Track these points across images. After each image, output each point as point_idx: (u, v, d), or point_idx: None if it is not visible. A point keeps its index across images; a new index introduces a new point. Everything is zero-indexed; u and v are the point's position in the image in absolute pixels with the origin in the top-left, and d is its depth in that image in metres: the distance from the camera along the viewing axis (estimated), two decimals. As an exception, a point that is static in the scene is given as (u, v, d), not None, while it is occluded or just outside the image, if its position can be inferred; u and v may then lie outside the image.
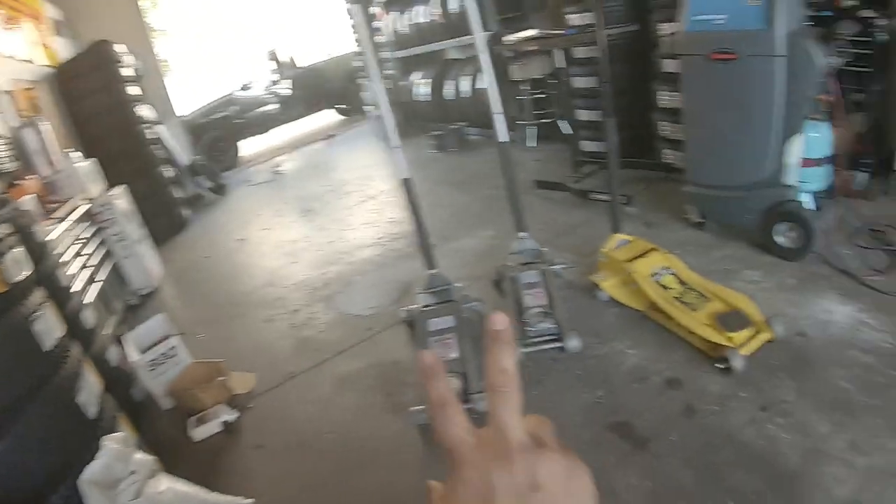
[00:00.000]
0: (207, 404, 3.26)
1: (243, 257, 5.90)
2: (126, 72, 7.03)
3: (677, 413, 2.49)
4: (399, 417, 2.88)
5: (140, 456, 2.27)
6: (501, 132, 3.51)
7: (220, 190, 8.81)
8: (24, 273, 2.61)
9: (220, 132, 10.97)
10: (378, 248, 5.15)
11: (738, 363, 2.57)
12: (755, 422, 2.33)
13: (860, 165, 3.82)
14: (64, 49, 7.15)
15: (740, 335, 2.69)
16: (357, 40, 10.04)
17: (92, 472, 2.14)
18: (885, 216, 3.50)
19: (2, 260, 2.49)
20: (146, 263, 5.34)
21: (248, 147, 12.20)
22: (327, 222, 6.21)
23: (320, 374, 3.46)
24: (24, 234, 2.92)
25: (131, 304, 5.06)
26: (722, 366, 2.63)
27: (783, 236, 3.42)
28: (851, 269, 3.15)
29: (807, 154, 3.34)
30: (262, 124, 12.01)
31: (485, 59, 3.38)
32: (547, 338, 3.08)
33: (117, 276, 5.02)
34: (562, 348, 3.01)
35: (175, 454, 2.71)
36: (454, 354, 2.97)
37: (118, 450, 2.23)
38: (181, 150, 8.62)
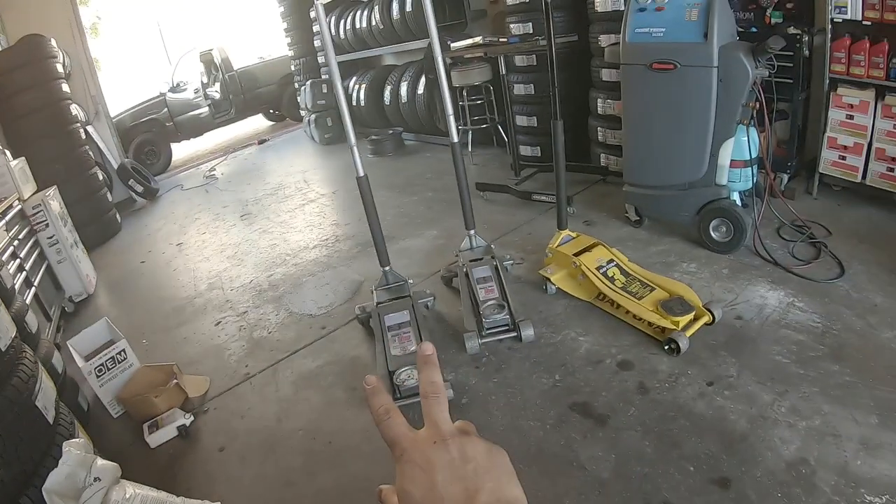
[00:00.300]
0: (161, 409, 3.16)
1: (183, 262, 5.72)
2: (59, 68, 6.73)
3: (632, 391, 2.69)
4: (366, 410, 2.90)
5: (103, 462, 2.17)
6: (453, 133, 3.61)
7: (152, 194, 8.55)
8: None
9: (151, 135, 10.69)
10: (324, 249, 5.16)
11: (683, 344, 2.82)
12: (704, 395, 2.57)
13: (784, 168, 4.20)
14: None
15: (683, 319, 2.94)
16: (319, 42, 9.96)
17: (55, 479, 2.06)
18: (807, 213, 3.90)
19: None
20: (81, 268, 5.12)
21: (180, 151, 11.92)
22: (269, 225, 6.15)
23: (278, 374, 3.44)
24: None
25: (67, 312, 4.86)
26: (668, 347, 2.87)
27: (716, 231, 3.72)
28: (779, 259, 3.50)
29: (736, 156, 3.63)
30: (195, 128, 11.74)
31: (439, 63, 3.50)
32: (502, 328, 3.24)
33: (51, 282, 4.84)
34: (518, 337, 3.17)
35: (131, 462, 2.61)
36: (413, 347, 3.07)
37: (80, 456, 2.14)
38: (112, 153, 8.38)
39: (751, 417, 2.40)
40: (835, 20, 3.83)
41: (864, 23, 3.72)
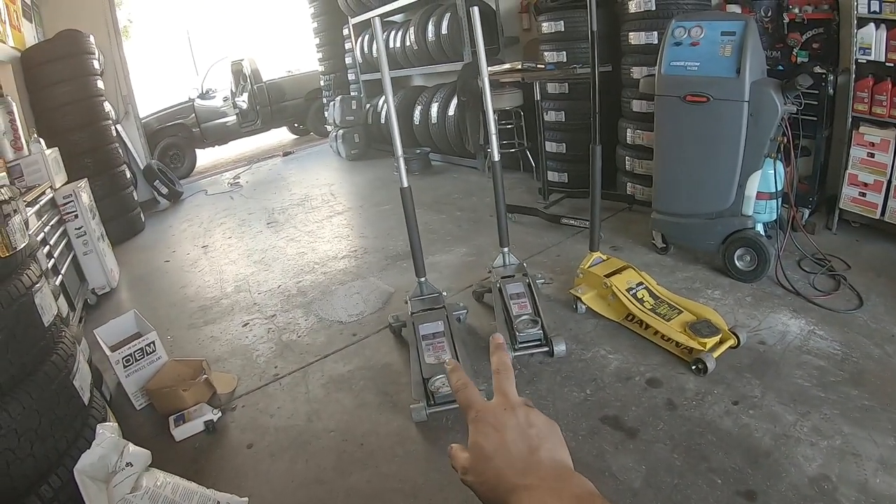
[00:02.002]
0: (189, 403, 3.18)
1: (209, 263, 5.79)
2: (95, 65, 6.89)
3: (661, 407, 2.82)
4: (398, 415, 2.99)
5: (135, 448, 2.21)
6: (495, 151, 3.74)
7: (175, 196, 8.71)
8: (23, 242, 2.52)
9: (177, 138, 10.89)
10: (353, 259, 5.26)
11: (710, 364, 2.96)
12: (730, 413, 2.70)
13: (806, 203, 4.36)
14: (30, 34, 6.74)
15: (710, 341, 3.07)
16: (350, 59, 10.24)
17: (87, 461, 2.07)
18: (827, 247, 4.07)
19: (7, 223, 2.39)
20: (106, 262, 5.20)
21: (204, 157, 12.09)
22: (296, 234, 6.24)
23: (308, 376, 3.48)
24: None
25: (89, 304, 4.94)
26: (696, 367, 3.02)
27: (740, 260, 3.88)
28: (800, 289, 3.66)
29: (763, 188, 3.79)
30: (221, 135, 11.96)
31: (486, 83, 3.69)
32: (535, 343, 3.37)
33: (76, 273, 4.90)
34: (549, 352, 3.30)
35: (155, 453, 2.59)
36: (447, 356, 3.16)
37: (114, 439, 2.17)
38: (139, 153, 8.55)
39: (775, 435, 2.53)
40: (859, 61, 4.00)
41: (888, 64, 3.89)
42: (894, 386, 2.76)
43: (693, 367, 3.03)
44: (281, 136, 14.01)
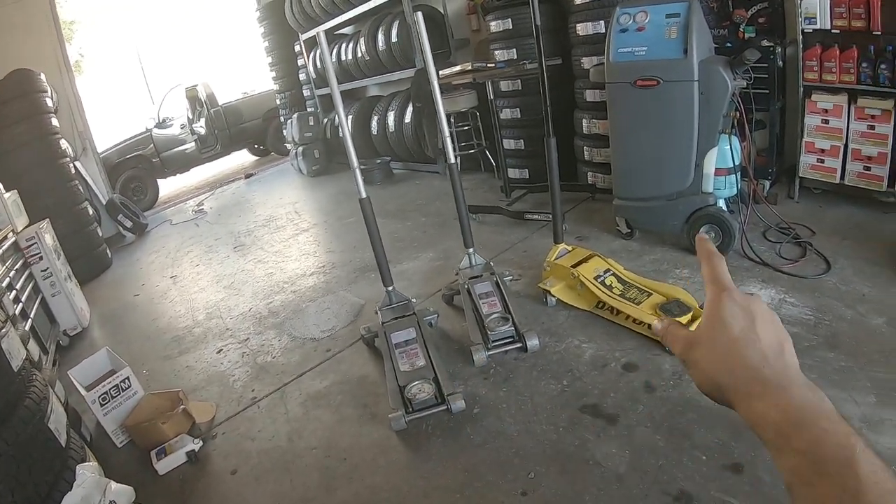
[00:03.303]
0: (169, 435, 3.12)
1: (178, 293, 5.71)
2: (49, 103, 6.76)
3: (639, 390, 2.80)
4: (378, 425, 2.96)
5: (117, 486, 2.19)
6: (449, 153, 3.73)
7: (141, 229, 8.56)
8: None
9: (137, 170, 10.74)
10: (321, 275, 5.22)
11: (685, 343, 2.93)
12: (708, 389, 2.68)
13: (765, 175, 4.40)
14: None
15: (682, 320, 3.04)
16: (304, 75, 10.19)
17: (70, 502, 2.06)
18: (791, 216, 4.11)
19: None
20: (75, 301, 5.08)
21: (166, 186, 11.95)
22: (264, 255, 6.18)
23: (286, 396, 3.45)
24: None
25: (62, 346, 4.83)
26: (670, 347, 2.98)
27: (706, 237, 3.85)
28: (767, 260, 3.69)
29: (721, 164, 3.81)
30: (182, 163, 11.80)
31: (435, 85, 3.65)
32: (507, 340, 3.34)
33: (46, 315, 4.79)
34: (523, 348, 3.28)
35: (141, 489, 2.61)
36: (422, 363, 3.15)
37: (95, 478, 2.15)
38: (100, 188, 8.40)
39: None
40: (805, 31, 4.07)
41: (833, 31, 3.96)
42: (870, 345, 2.78)
43: (667, 348, 2.99)
44: (242, 158, 13.89)
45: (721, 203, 3.92)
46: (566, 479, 2.38)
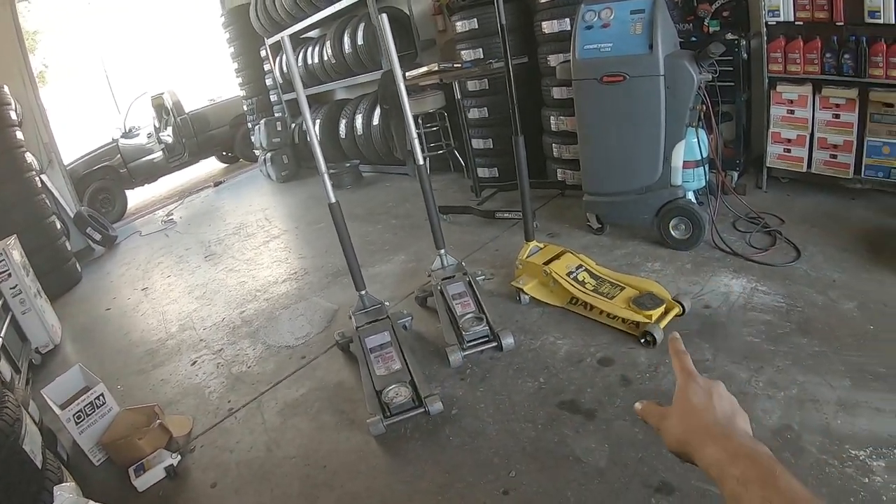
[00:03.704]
0: (146, 451, 3.06)
1: (150, 306, 5.61)
2: (13, 116, 6.60)
3: (616, 384, 2.81)
4: (357, 431, 2.94)
5: None
6: (417, 154, 3.70)
7: (110, 241, 8.37)
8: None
9: (105, 182, 10.53)
10: (294, 282, 5.17)
11: (658, 335, 2.97)
12: (684, 380, 2.70)
13: (733, 166, 4.45)
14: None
15: (655, 312, 3.09)
16: (271, 80, 10.09)
17: None
18: (760, 206, 4.17)
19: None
20: (46, 318, 4.97)
21: (135, 197, 11.77)
22: (235, 264, 6.10)
23: (262, 406, 3.40)
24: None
25: (34, 364, 4.70)
26: (644, 340, 3.03)
27: (676, 230, 3.91)
28: (738, 250, 3.73)
29: (688, 157, 3.85)
30: (149, 173, 11.62)
31: (401, 87, 3.61)
32: (482, 339, 3.34)
33: (17, 334, 4.65)
34: (498, 347, 3.28)
35: None
36: (397, 366, 3.13)
37: (73, 499, 2.10)
38: (67, 201, 8.23)
39: (732, 394, 2.51)
40: (769, 23, 4.13)
41: (797, 23, 4.03)
42: (842, 329, 2.83)
43: (642, 341, 3.03)
44: (210, 166, 13.72)
45: (690, 195, 3.94)
46: (547, 475, 2.38)
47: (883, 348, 2.68)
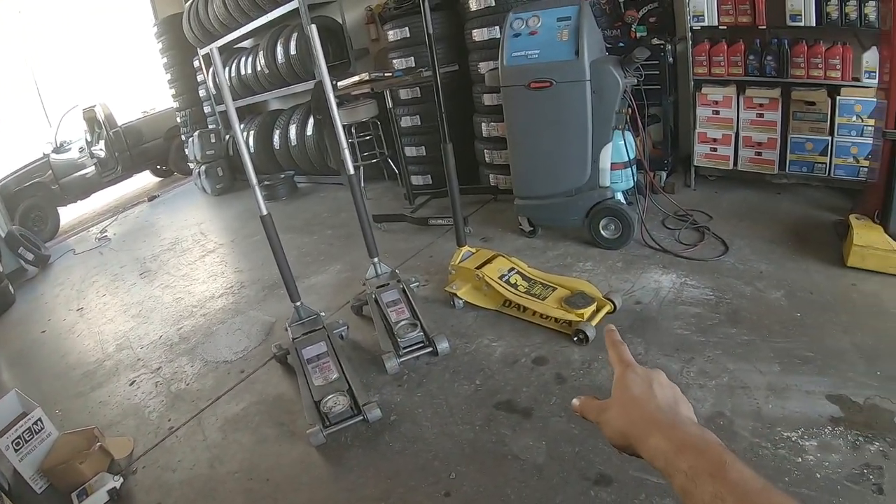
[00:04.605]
0: (88, 475, 2.98)
1: (86, 326, 5.45)
2: None
3: (551, 382, 2.86)
4: (298, 443, 2.94)
5: None
6: (348, 164, 3.70)
7: (43, 261, 8.06)
8: None
9: (37, 199, 10.16)
10: (230, 296, 5.10)
11: (591, 333, 3.04)
12: (617, 375, 2.76)
13: (661, 166, 4.57)
14: None
15: (587, 311, 3.16)
16: (204, 91, 9.92)
17: None
18: (688, 203, 4.34)
19: None
20: None
21: (67, 214, 11.40)
22: (171, 280, 5.99)
23: (203, 423, 3.36)
24: None
25: None
26: (577, 338, 3.08)
27: (606, 230, 4.01)
28: (667, 246, 3.85)
29: (616, 159, 3.94)
30: (82, 189, 11.25)
31: (331, 98, 3.60)
32: (418, 345, 3.35)
33: None
34: (434, 352, 3.29)
35: None
36: (335, 375, 3.12)
37: None
38: (-2, 221, 7.93)
39: (670, 383, 2.62)
40: (694, 28, 4.31)
41: (721, 27, 4.21)
42: (770, 318, 2.96)
43: (575, 339, 3.09)
44: (145, 180, 13.36)
45: (619, 196, 4.05)
46: (487, 475, 2.40)
47: (810, 334, 2.81)
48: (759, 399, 2.44)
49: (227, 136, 9.64)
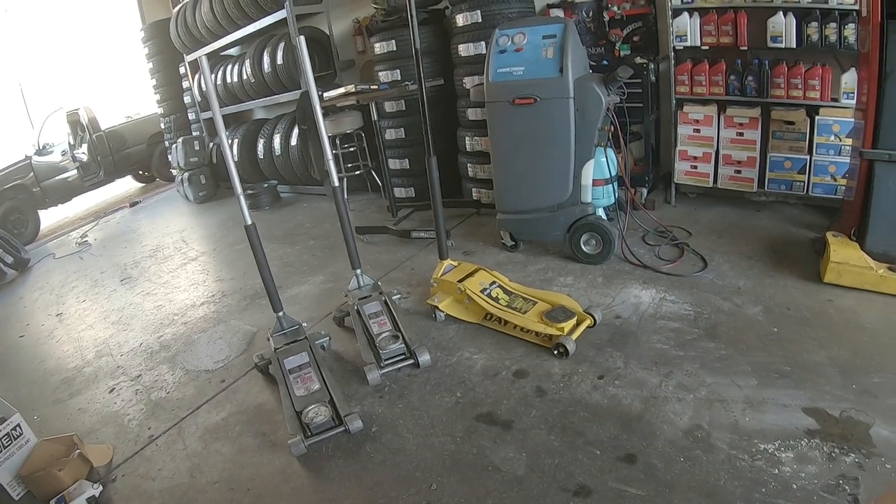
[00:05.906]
0: (67, 483, 2.92)
1: (65, 332, 5.37)
2: None
3: (531, 395, 2.88)
4: (279, 453, 2.92)
5: None
6: (333, 176, 3.71)
7: (22, 265, 7.97)
8: None
9: (18, 201, 10.04)
10: (212, 305, 5.07)
11: (571, 346, 3.07)
12: (597, 387, 2.81)
13: (643, 183, 4.64)
14: None
15: (567, 325, 3.20)
16: (189, 98, 9.86)
17: None
18: (668, 220, 4.41)
19: None
20: None
21: (48, 218, 11.28)
22: (152, 287, 5.94)
23: (183, 432, 3.31)
24: None
25: None
26: (557, 352, 3.12)
27: (587, 245, 4.06)
28: (647, 262, 3.91)
29: (598, 175, 4.01)
30: (64, 192, 11.11)
31: (317, 109, 3.62)
32: (399, 357, 3.36)
33: None
34: (415, 364, 3.31)
35: None
36: (316, 386, 3.13)
37: None
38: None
39: (643, 399, 2.67)
40: (676, 48, 4.40)
41: (703, 48, 4.30)
42: (748, 332, 3.02)
43: (555, 352, 3.13)
44: (127, 185, 13.26)
45: (600, 212, 4.12)
46: (467, 486, 2.41)
47: (787, 348, 2.88)
48: (737, 412, 2.49)
49: (211, 144, 9.61)
